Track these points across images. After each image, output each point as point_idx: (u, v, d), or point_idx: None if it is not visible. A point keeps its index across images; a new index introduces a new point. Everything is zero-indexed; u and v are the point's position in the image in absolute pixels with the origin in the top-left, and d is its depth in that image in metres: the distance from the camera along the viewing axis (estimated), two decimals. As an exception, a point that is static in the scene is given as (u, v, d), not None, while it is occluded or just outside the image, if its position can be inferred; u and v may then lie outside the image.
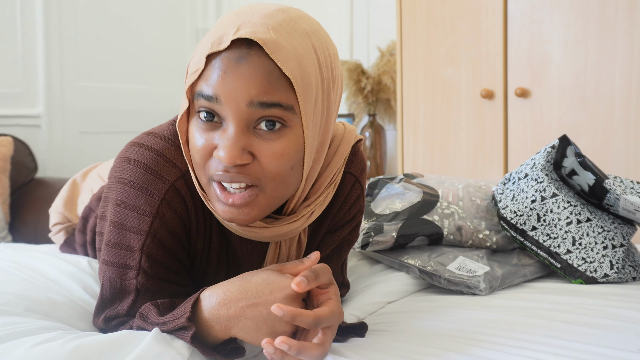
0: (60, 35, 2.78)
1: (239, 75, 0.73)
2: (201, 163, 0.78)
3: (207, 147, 0.77)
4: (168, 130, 0.89)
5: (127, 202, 0.84)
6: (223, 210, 0.78)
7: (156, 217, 0.84)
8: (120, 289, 0.87)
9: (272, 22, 0.75)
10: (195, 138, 0.78)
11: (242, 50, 0.73)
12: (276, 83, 0.73)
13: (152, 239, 0.84)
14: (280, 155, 0.76)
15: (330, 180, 0.91)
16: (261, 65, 0.73)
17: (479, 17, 2.33)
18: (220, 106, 0.74)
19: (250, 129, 0.76)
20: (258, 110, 0.74)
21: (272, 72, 0.73)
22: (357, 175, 1.00)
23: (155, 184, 0.83)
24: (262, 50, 0.73)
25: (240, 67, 0.73)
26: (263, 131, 0.76)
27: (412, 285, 1.25)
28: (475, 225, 1.37)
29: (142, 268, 0.85)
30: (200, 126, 0.77)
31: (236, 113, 0.74)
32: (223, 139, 0.75)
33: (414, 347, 0.87)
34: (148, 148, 0.85)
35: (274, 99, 0.73)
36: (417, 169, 2.54)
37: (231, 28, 0.74)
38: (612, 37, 2.05)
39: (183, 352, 0.76)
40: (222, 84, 0.73)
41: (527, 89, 2.24)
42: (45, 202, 1.87)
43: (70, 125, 2.86)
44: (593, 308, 1.07)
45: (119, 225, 0.85)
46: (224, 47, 0.73)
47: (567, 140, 1.35)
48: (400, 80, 2.55)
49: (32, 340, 0.76)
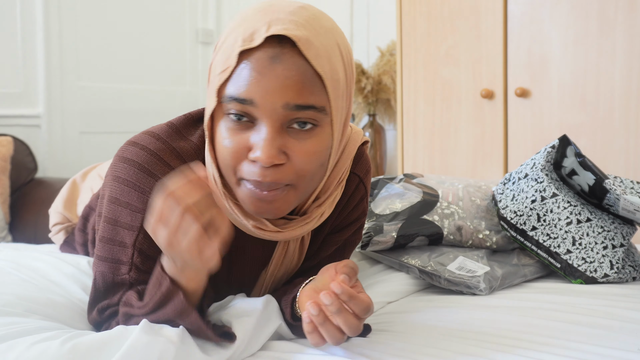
0: (60, 35, 2.78)
1: (274, 77, 0.72)
2: (232, 164, 0.77)
3: (239, 148, 0.76)
4: (165, 131, 0.89)
5: (120, 199, 0.85)
6: (255, 206, 0.78)
7: (148, 214, 0.84)
8: (113, 283, 0.88)
9: (299, 19, 0.75)
10: (224, 139, 0.77)
11: (276, 48, 0.73)
12: (310, 84, 0.74)
13: (143, 235, 0.85)
14: (313, 154, 0.77)
15: (338, 179, 0.92)
16: (295, 64, 0.73)
17: (479, 17, 2.33)
18: (255, 108, 0.74)
19: (284, 128, 0.76)
20: (293, 112, 0.74)
21: (306, 72, 0.73)
22: (361, 177, 1.01)
23: (147, 181, 0.84)
24: (294, 49, 0.73)
25: (275, 68, 0.72)
26: (296, 130, 0.76)
27: (412, 285, 1.25)
28: (475, 225, 1.37)
29: (134, 263, 0.86)
30: (231, 127, 0.76)
31: (272, 114, 0.74)
32: (258, 140, 0.75)
33: (414, 347, 0.87)
34: (143, 148, 0.86)
35: (308, 101, 0.74)
36: (417, 169, 2.54)
37: (261, 25, 0.74)
38: (612, 37, 2.05)
39: (173, 339, 0.77)
40: (257, 86, 0.73)
41: (527, 89, 2.24)
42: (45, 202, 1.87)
43: (70, 125, 2.86)
44: (593, 308, 1.07)
45: (113, 221, 0.86)
46: (256, 44, 0.73)
47: (567, 140, 1.35)
48: (400, 80, 2.55)
49: (30, 339, 0.76)
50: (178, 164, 0.86)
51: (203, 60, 3.45)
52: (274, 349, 0.87)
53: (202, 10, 3.44)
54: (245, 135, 0.76)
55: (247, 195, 0.79)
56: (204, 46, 3.45)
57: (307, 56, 0.73)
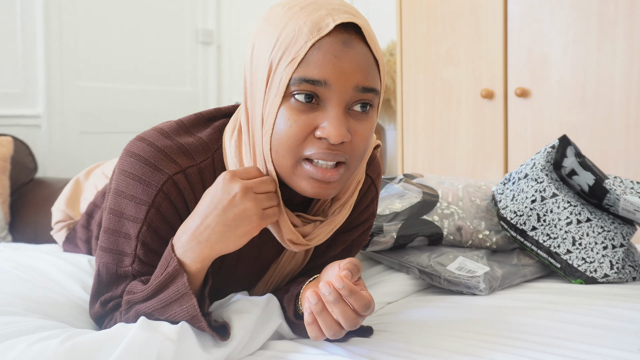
0: (60, 35, 2.78)
1: (348, 60, 0.77)
2: (295, 144, 0.79)
3: (305, 127, 0.79)
4: (174, 129, 0.90)
5: (125, 192, 0.86)
6: (312, 186, 0.81)
7: (152, 207, 0.85)
8: (116, 275, 0.89)
9: (350, 10, 0.80)
10: (289, 120, 0.78)
11: (344, 34, 0.77)
12: (373, 69, 0.80)
13: (147, 228, 0.86)
14: (368, 135, 0.82)
15: (357, 180, 0.93)
16: (362, 50, 0.78)
17: (479, 17, 2.33)
18: (326, 89, 0.77)
19: (347, 110, 0.79)
20: (359, 94, 0.79)
21: (370, 57, 0.79)
22: (373, 178, 1.03)
23: (153, 175, 0.85)
24: (359, 36, 0.78)
25: (349, 52, 0.77)
26: (356, 112, 0.80)
27: (412, 286, 1.25)
28: (475, 226, 1.37)
29: (137, 255, 0.87)
30: (298, 108, 0.78)
31: (342, 95, 0.78)
32: (327, 119, 0.78)
33: (414, 347, 0.87)
34: (150, 144, 0.87)
35: (372, 84, 0.79)
36: (417, 169, 2.54)
37: (323, 15, 0.77)
38: (612, 36, 2.05)
39: (172, 336, 0.77)
40: (334, 68, 0.76)
41: (527, 89, 2.24)
42: (45, 202, 1.87)
43: (70, 125, 2.86)
44: (593, 308, 1.07)
45: (118, 213, 0.88)
46: (327, 32, 0.76)
47: (567, 140, 1.35)
48: (400, 80, 2.55)
49: (30, 339, 0.76)
50: (184, 160, 0.87)
51: (203, 60, 3.45)
52: (274, 349, 0.88)
53: (202, 10, 3.44)
54: (310, 115, 0.78)
55: (305, 175, 0.81)
56: (204, 46, 3.45)
57: (369, 42, 0.79)
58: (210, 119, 0.94)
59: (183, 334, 0.79)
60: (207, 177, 0.88)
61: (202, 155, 0.88)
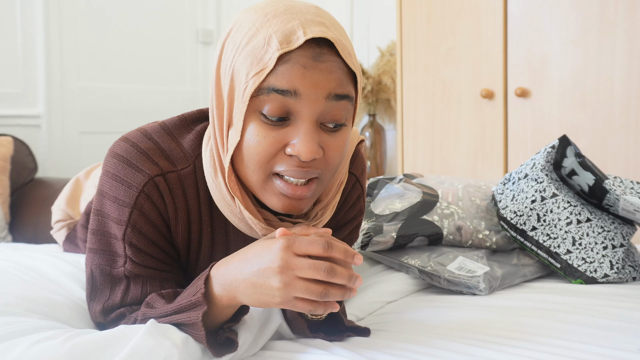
0: (60, 35, 2.78)
1: (318, 71, 0.76)
2: (265, 160, 0.78)
3: (275, 144, 0.78)
4: (157, 131, 0.90)
5: (109, 193, 0.87)
6: (283, 203, 0.80)
7: (134, 208, 0.85)
8: (110, 276, 0.89)
9: (324, 20, 0.79)
10: (258, 135, 0.77)
11: (315, 49, 0.76)
12: (346, 78, 0.79)
13: (131, 229, 0.86)
14: (342, 147, 0.81)
15: (339, 181, 0.92)
16: (334, 62, 0.77)
17: (479, 17, 2.33)
18: (296, 100, 0.76)
19: (318, 124, 0.79)
20: (332, 104, 0.78)
21: (343, 69, 0.78)
22: (357, 176, 1.01)
23: (134, 176, 0.85)
24: (332, 49, 0.77)
25: (319, 65, 0.76)
26: (328, 127, 0.80)
27: (412, 285, 1.25)
28: (475, 226, 1.37)
29: (128, 256, 0.87)
30: (266, 123, 0.77)
31: (313, 107, 0.77)
32: (297, 135, 0.77)
33: (413, 346, 0.87)
34: (133, 145, 0.87)
35: (345, 91, 0.79)
36: (417, 169, 2.54)
37: (294, 26, 0.76)
38: (612, 36, 2.05)
39: (177, 343, 0.77)
40: (303, 78, 0.75)
41: (527, 89, 2.24)
42: (45, 202, 1.87)
43: (70, 125, 2.86)
44: (593, 308, 1.07)
45: (102, 214, 0.88)
46: (297, 46, 0.75)
47: (567, 141, 1.35)
48: (400, 80, 2.55)
49: (31, 339, 0.76)
50: (165, 164, 0.87)
51: (203, 60, 3.45)
52: (275, 349, 0.88)
53: (202, 10, 3.44)
54: (280, 132, 0.78)
55: (276, 191, 0.80)
56: (204, 46, 3.45)
57: (342, 56, 0.78)
58: (194, 120, 0.93)
59: (188, 340, 0.78)
60: (187, 185, 0.88)
61: (183, 162, 0.88)
